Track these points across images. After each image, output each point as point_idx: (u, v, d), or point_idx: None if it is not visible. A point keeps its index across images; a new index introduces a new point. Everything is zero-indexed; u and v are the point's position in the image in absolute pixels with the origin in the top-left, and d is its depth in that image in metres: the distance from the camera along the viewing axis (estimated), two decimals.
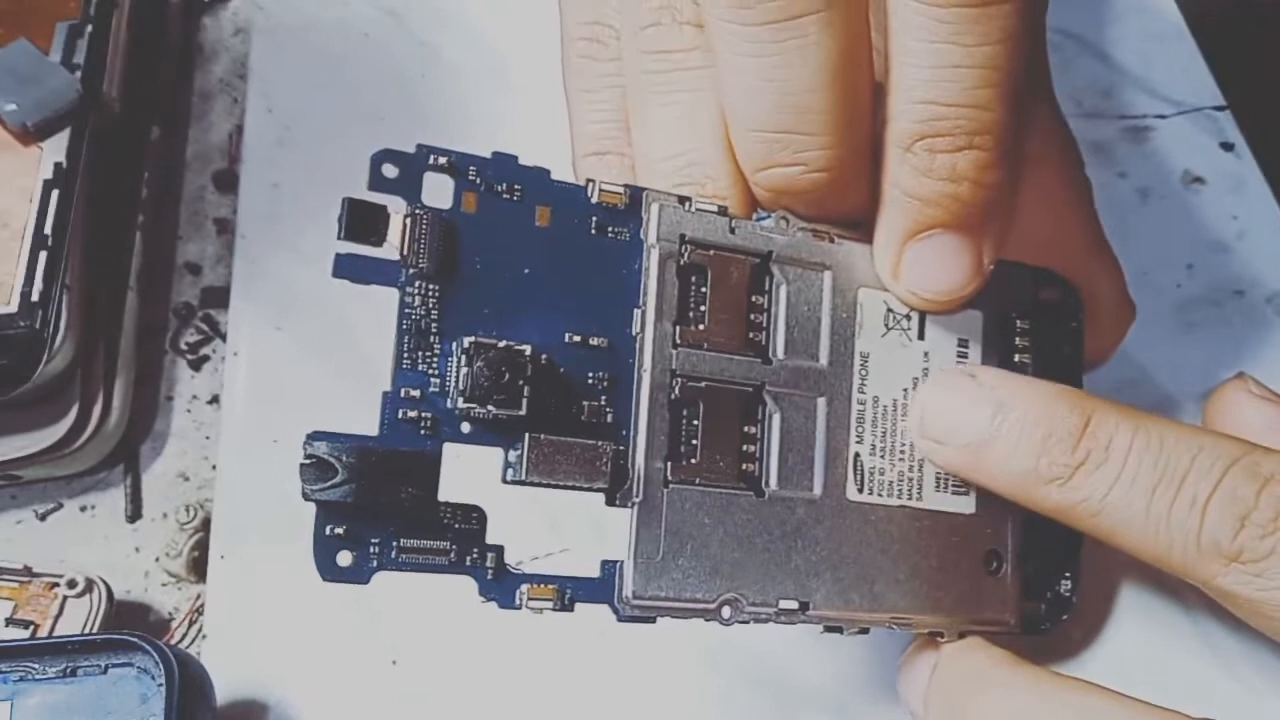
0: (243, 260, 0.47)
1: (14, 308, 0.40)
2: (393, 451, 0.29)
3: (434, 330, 0.30)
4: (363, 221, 0.29)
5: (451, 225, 0.30)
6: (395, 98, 0.52)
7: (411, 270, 0.30)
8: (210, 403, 0.46)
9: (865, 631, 0.34)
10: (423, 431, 0.30)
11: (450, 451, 0.30)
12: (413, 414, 0.30)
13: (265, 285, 0.46)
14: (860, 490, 0.34)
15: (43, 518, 0.43)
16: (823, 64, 0.31)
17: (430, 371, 0.30)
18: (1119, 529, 0.33)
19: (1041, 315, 0.38)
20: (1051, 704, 0.33)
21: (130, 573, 0.42)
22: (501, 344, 0.30)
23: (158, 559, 0.42)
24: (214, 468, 0.44)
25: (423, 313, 0.30)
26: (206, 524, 0.42)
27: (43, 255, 0.41)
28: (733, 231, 0.33)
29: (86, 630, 0.39)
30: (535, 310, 0.31)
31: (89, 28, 0.46)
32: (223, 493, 0.42)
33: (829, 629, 0.34)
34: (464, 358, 0.30)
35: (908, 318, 0.35)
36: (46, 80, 0.43)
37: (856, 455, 0.34)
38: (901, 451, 0.35)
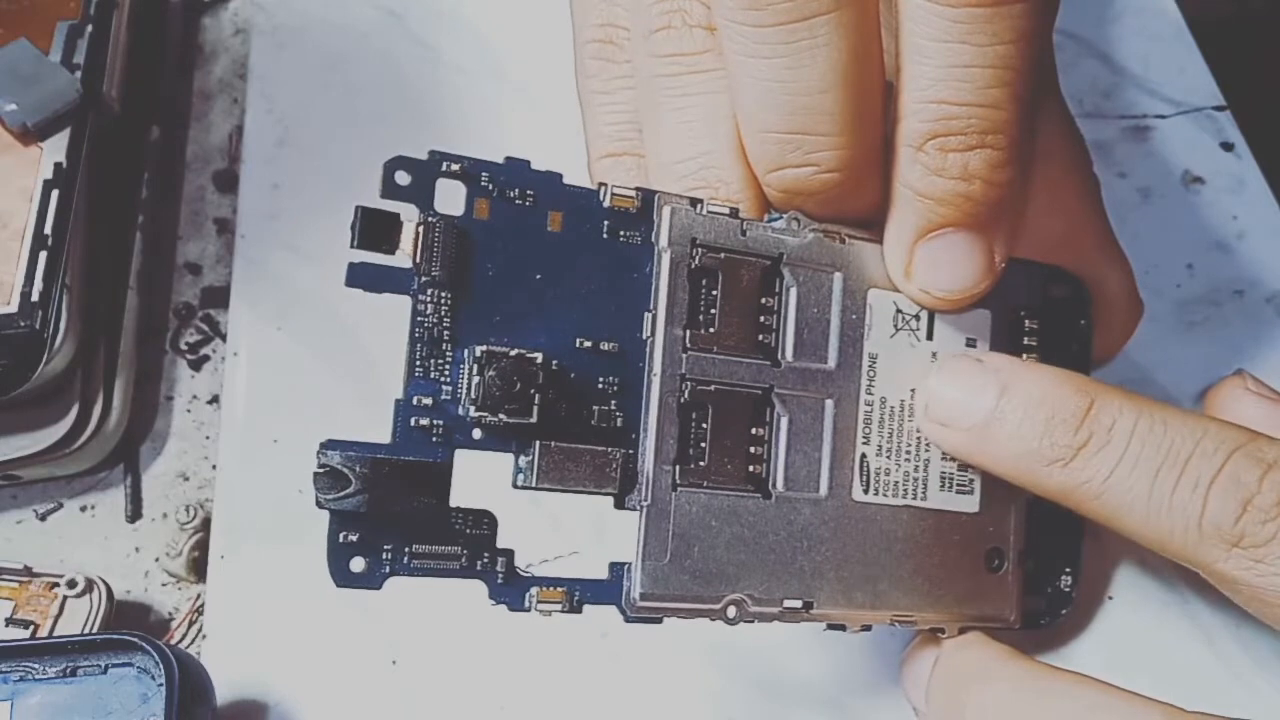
0: (243, 260, 0.47)
1: (14, 308, 0.40)
2: (405, 462, 0.29)
3: (446, 338, 0.30)
4: (376, 230, 0.29)
5: (464, 232, 0.30)
6: (395, 98, 0.51)
7: (424, 278, 0.30)
8: (210, 403, 0.46)
9: (868, 629, 0.35)
10: (434, 439, 0.30)
11: (459, 455, 0.30)
12: (424, 422, 0.30)
13: (265, 285, 0.46)
14: (866, 491, 0.34)
15: (43, 518, 0.43)
16: (833, 64, 0.31)
17: (442, 380, 0.30)
18: (1121, 512, 0.33)
19: (1050, 313, 0.38)
20: (1049, 697, 0.33)
21: (130, 573, 0.42)
22: (513, 352, 0.30)
23: (158, 559, 0.42)
24: (214, 468, 0.44)
25: (435, 321, 0.30)
26: (206, 524, 0.42)
27: (43, 255, 0.41)
28: (744, 233, 0.33)
29: (86, 630, 0.38)
30: (547, 315, 0.31)
31: (89, 28, 0.46)
32: (223, 493, 0.42)
33: (832, 627, 0.34)
34: (476, 366, 0.29)
35: (916, 318, 0.35)
36: (46, 80, 0.43)
37: (863, 456, 0.34)
38: (907, 452, 0.35)
